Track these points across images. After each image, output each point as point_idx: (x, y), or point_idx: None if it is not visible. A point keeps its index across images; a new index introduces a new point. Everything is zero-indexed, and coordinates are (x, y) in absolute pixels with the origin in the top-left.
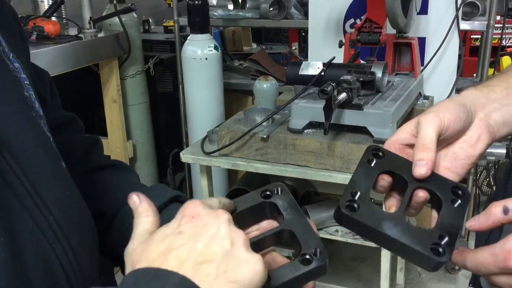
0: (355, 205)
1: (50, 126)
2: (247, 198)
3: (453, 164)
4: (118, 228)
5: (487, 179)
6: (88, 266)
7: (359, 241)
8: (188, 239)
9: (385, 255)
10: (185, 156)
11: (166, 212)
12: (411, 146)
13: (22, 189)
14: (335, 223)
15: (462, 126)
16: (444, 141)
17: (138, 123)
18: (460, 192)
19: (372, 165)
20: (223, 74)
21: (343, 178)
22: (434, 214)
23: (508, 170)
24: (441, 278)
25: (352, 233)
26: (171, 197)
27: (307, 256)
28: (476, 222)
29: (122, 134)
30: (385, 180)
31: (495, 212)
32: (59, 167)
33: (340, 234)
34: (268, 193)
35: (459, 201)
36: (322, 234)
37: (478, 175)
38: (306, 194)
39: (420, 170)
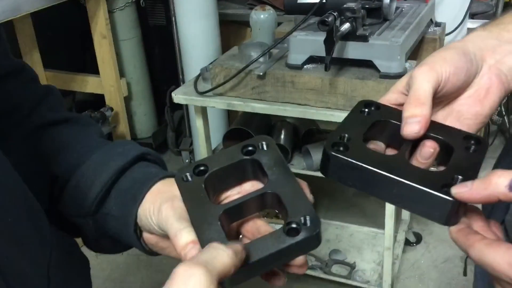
0: (343, 148)
1: None
2: (225, 154)
3: (456, 125)
4: (71, 194)
5: (498, 108)
6: (17, 258)
7: None
8: None
9: None
10: (177, 97)
11: (130, 172)
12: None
13: None
14: None
15: (464, 79)
16: (443, 98)
17: (131, 59)
18: (473, 141)
19: (366, 114)
20: (219, 4)
21: None
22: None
23: None
24: None
25: None
26: (137, 155)
27: (294, 225)
28: (467, 190)
29: (115, 72)
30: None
31: (498, 184)
32: None
33: None
34: (250, 148)
35: (474, 147)
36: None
37: None
38: (308, 132)
39: (412, 127)
